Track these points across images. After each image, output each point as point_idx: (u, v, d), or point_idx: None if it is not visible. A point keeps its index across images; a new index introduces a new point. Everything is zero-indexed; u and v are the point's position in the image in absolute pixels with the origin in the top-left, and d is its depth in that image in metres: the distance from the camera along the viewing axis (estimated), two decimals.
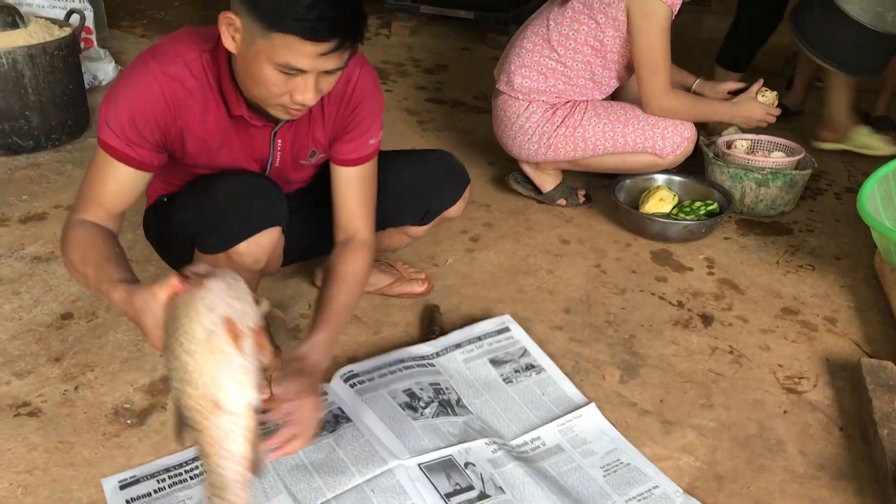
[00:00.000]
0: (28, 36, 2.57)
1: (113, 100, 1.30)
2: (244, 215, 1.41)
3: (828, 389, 1.74)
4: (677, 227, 2.28)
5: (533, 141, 2.37)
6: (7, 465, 1.41)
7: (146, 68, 1.29)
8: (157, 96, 1.29)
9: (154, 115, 1.30)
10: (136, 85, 1.29)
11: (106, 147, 1.30)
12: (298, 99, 1.23)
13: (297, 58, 1.17)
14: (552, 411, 1.58)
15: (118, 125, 1.28)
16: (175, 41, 1.33)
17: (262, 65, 1.19)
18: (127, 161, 1.31)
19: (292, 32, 1.14)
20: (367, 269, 1.51)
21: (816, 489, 1.46)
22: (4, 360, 1.69)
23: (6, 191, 2.41)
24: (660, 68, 2.22)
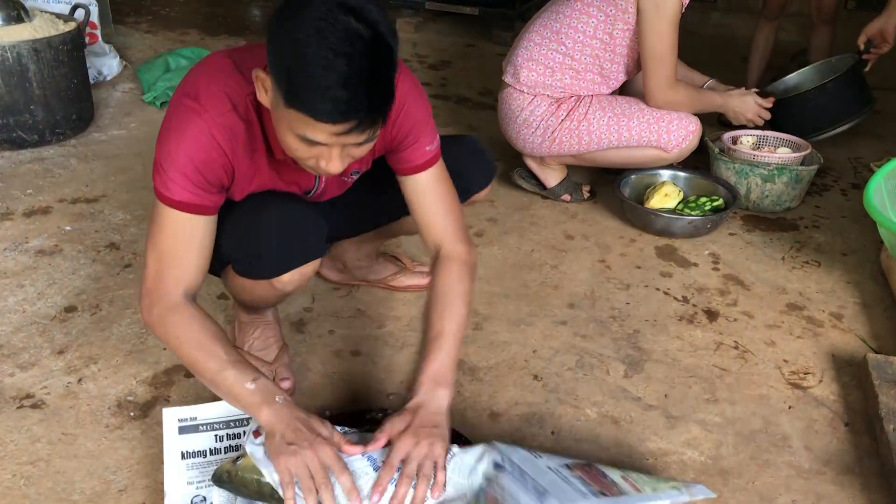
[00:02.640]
0: (33, 30, 2.57)
1: (168, 155, 1.24)
2: (289, 249, 1.39)
3: (833, 385, 1.73)
4: (682, 222, 2.27)
5: (537, 134, 2.36)
6: (10, 457, 1.41)
7: (194, 117, 1.23)
8: (212, 143, 1.24)
9: (214, 160, 1.26)
10: (189, 136, 1.23)
11: (178, 205, 1.25)
12: (323, 167, 1.19)
13: (315, 133, 1.12)
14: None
15: (183, 178, 1.24)
16: (215, 79, 1.26)
17: (284, 131, 1.16)
18: (201, 211, 1.27)
19: (305, 113, 1.10)
20: (463, 282, 1.42)
21: (822, 484, 1.46)
22: (8, 352, 1.69)
23: (11, 185, 2.42)
24: (667, 61, 2.21)
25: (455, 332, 1.38)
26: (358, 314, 1.90)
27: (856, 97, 2.75)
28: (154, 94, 3.10)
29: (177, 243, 1.27)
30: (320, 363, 1.71)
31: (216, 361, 1.24)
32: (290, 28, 1.08)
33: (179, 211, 1.26)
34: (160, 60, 3.33)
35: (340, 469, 1.18)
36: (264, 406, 1.21)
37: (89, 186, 2.44)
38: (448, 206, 1.48)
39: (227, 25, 4.33)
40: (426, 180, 1.46)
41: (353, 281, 2.00)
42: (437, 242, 1.47)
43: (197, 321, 1.27)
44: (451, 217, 1.48)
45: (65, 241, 2.12)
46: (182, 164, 1.23)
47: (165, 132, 1.26)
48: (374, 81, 1.10)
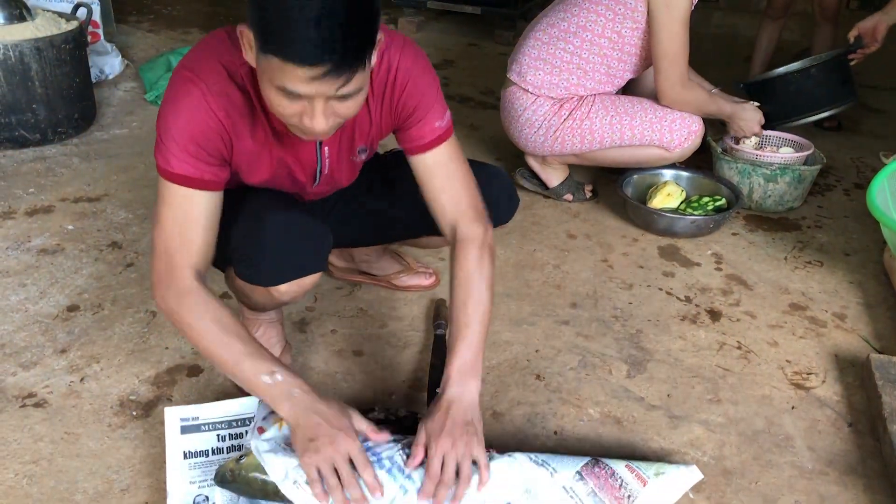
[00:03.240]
0: (35, 29, 2.57)
1: (167, 129, 1.23)
2: (288, 261, 1.37)
3: (836, 385, 1.72)
4: (685, 222, 2.27)
5: (540, 133, 2.36)
6: (13, 456, 1.41)
7: (191, 87, 1.21)
8: (209, 112, 1.22)
9: (212, 130, 1.24)
10: (186, 107, 1.22)
11: (178, 178, 1.23)
12: (307, 125, 1.15)
13: (293, 82, 1.08)
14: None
15: (182, 151, 1.22)
16: (213, 52, 1.24)
17: (265, 85, 1.13)
18: (203, 185, 1.25)
19: (277, 55, 1.06)
20: (484, 265, 1.38)
21: (825, 485, 1.45)
22: (11, 351, 1.69)
23: (13, 183, 2.42)
24: (679, 60, 2.21)
25: (480, 320, 1.36)
26: (360, 314, 1.89)
27: (839, 87, 2.74)
28: (156, 93, 3.10)
29: (182, 221, 1.25)
30: (322, 362, 1.71)
31: (231, 353, 1.23)
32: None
33: (182, 185, 1.24)
34: (162, 59, 3.33)
35: (363, 464, 1.19)
36: (283, 401, 1.21)
37: (91, 185, 2.44)
38: (462, 184, 1.42)
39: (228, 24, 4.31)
40: (437, 158, 1.41)
41: (357, 275, 2.00)
42: (452, 224, 1.42)
43: (210, 308, 1.25)
44: (466, 196, 1.42)
45: (67, 240, 2.12)
46: (180, 136, 1.22)
47: (164, 105, 1.25)
48: (350, 21, 1.05)
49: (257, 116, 1.29)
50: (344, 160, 1.49)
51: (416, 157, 1.42)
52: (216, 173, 1.27)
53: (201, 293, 1.26)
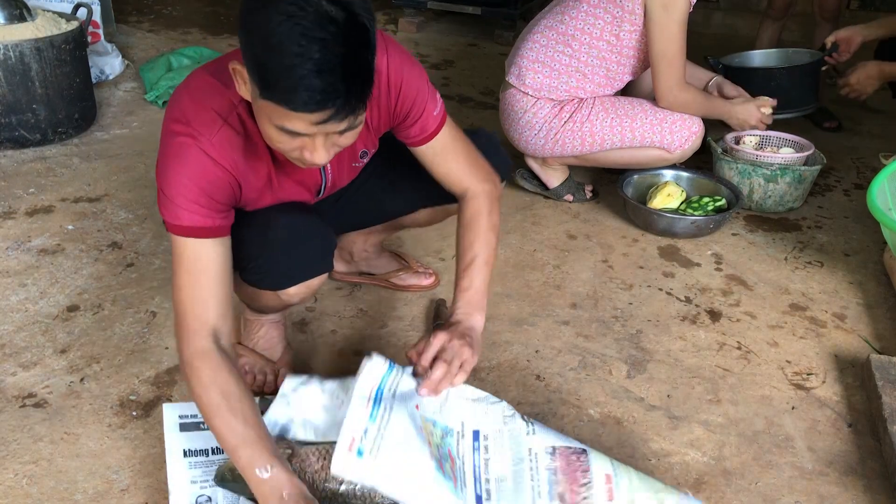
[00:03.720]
0: (35, 29, 2.57)
1: (171, 185, 1.21)
2: (296, 264, 1.39)
3: (836, 386, 1.72)
4: (685, 222, 2.27)
5: (540, 136, 2.36)
6: (13, 456, 1.41)
7: (189, 143, 1.20)
8: (213, 163, 1.21)
9: (219, 179, 1.23)
10: (188, 163, 1.20)
11: (189, 231, 1.22)
12: (308, 158, 1.15)
13: (293, 123, 1.08)
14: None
15: (192, 203, 1.21)
16: (201, 99, 1.22)
17: (265, 123, 1.12)
18: (214, 233, 1.24)
19: (278, 103, 1.05)
20: (491, 213, 1.46)
21: (825, 485, 1.45)
22: (10, 351, 1.69)
23: (13, 184, 2.42)
24: (676, 61, 2.21)
25: (487, 258, 1.43)
26: (360, 314, 1.89)
27: (810, 91, 2.78)
28: (156, 93, 3.10)
29: (196, 275, 1.23)
30: (322, 363, 1.71)
31: (232, 435, 1.18)
32: (261, 15, 1.03)
33: (192, 238, 1.22)
34: (162, 60, 3.33)
35: None
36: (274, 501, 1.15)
37: (91, 186, 2.44)
38: (467, 158, 1.49)
39: (229, 25, 4.33)
40: (441, 143, 1.45)
41: (357, 277, 2.00)
42: (463, 188, 1.49)
43: (219, 379, 1.20)
44: (473, 164, 1.49)
45: (67, 240, 2.12)
46: (187, 190, 1.20)
47: (164, 162, 1.22)
48: (351, 66, 1.04)
49: (258, 152, 1.29)
50: (346, 168, 1.51)
51: (421, 147, 1.46)
52: (226, 217, 1.27)
53: (213, 359, 1.21)
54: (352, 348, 1.76)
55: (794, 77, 2.70)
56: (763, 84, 2.65)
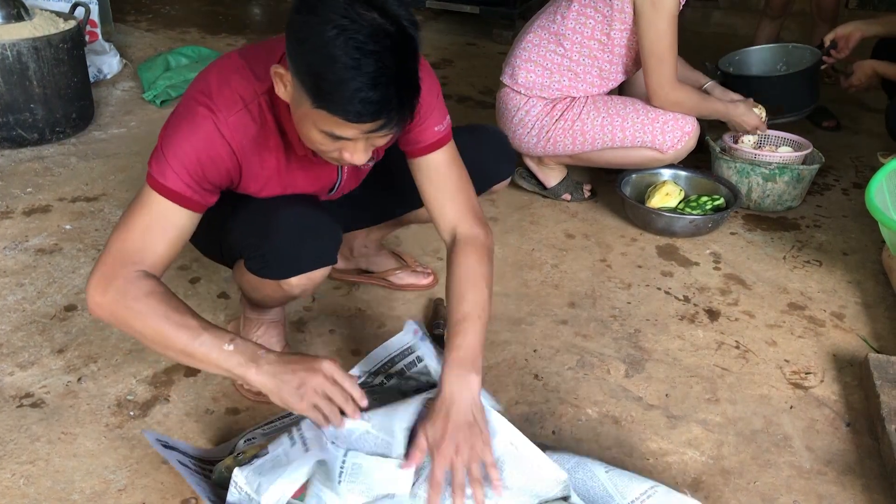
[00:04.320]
0: (33, 28, 2.57)
1: (171, 146, 1.22)
2: (300, 254, 1.38)
3: (835, 385, 1.72)
4: (683, 221, 2.27)
5: (532, 134, 2.36)
6: (10, 456, 1.41)
7: (206, 114, 1.22)
8: (222, 146, 1.23)
9: (220, 158, 1.24)
10: (198, 132, 1.22)
11: (168, 193, 1.22)
12: (347, 159, 1.19)
13: (344, 131, 1.12)
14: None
15: (183, 170, 1.21)
16: (229, 79, 1.24)
17: (308, 127, 1.15)
18: (189, 205, 1.24)
19: (331, 113, 1.09)
20: (483, 264, 1.38)
21: (823, 485, 1.45)
22: (8, 351, 1.68)
23: (10, 183, 2.41)
24: (666, 59, 2.20)
25: (480, 314, 1.34)
26: (358, 313, 1.89)
27: (808, 92, 2.79)
28: (154, 92, 3.10)
29: (154, 229, 1.23)
30: None
31: (188, 330, 1.20)
32: (312, 26, 1.06)
33: (167, 199, 1.23)
34: (160, 59, 3.33)
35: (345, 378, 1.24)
36: (251, 365, 1.20)
37: (89, 185, 2.44)
38: (461, 188, 1.44)
39: (227, 24, 4.33)
40: (437, 162, 1.42)
41: (355, 275, 2.00)
42: (453, 226, 1.42)
43: (160, 291, 1.22)
44: (465, 200, 1.43)
45: (65, 239, 2.12)
46: (185, 157, 1.21)
47: (174, 123, 1.24)
48: (403, 78, 1.09)
49: (269, 145, 1.30)
50: (356, 171, 1.52)
51: (416, 160, 1.44)
52: (206, 198, 1.27)
53: (147, 281, 1.22)
54: (349, 348, 1.76)
55: (793, 82, 2.71)
56: (761, 91, 2.65)
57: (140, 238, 1.23)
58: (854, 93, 2.82)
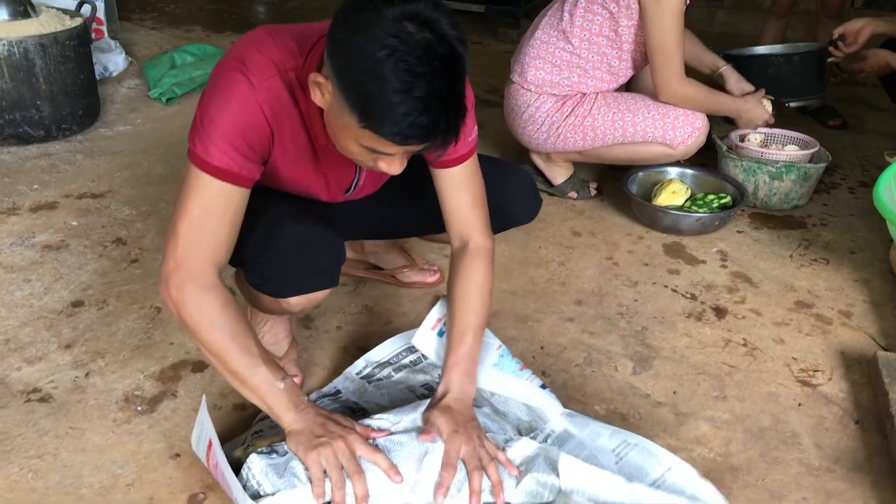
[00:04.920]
0: (39, 25, 2.57)
1: (211, 120, 1.19)
2: (300, 275, 1.34)
3: (843, 382, 1.72)
4: (690, 219, 2.26)
5: (542, 131, 2.35)
6: (18, 450, 1.41)
7: (240, 78, 1.19)
8: (256, 108, 1.20)
9: (258, 125, 1.22)
10: (233, 99, 1.19)
11: (217, 171, 1.20)
12: (383, 168, 1.18)
13: (386, 148, 1.12)
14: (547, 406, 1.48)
15: (226, 144, 1.19)
16: (261, 48, 1.22)
17: (348, 139, 1.14)
18: (239, 181, 1.22)
19: (379, 134, 1.08)
20: (489, 277, 1.44)
21: (832, 482, 1.45)
22: (15, 346, 1.68)
23: (17, 180, 2.42)
24: (672, 55, 2.20)
25: (481, 326, 1.43)
26: (365, 310, 1.89)
27: (814, 79, 2.77)
28: (160, 90, 3.10)
29: (212, 214, 1.22)
30: (328, 358, 1.71)
31: (249, 357, 1.22)
32: (359, 43, 1.03)
33: (217, 179, 1.20)
34: (166, 57, 3.33)
35: (372, 452, 1.22)
36: (292, 407, 1.24)
37: (95, 182, 2.44)
38: (479, 200, 1.45)
39: (232, 22, 4.33)
40: (462, 173, 1.42)
41: (362, 271, 2.00)
42: (466, 235, 1.45)
43: (232, 309, 1.23)
44: (481, 211, 1.46)
45: (71, 236, 2.12)
46: (226, 129, 1.19)
47: (210, 94, 1.21)
48: (452, 101, 1.07)
49: (302, 123, 1.28)
50: (376, 174, 1.50)
51: (443, 170, 1.43)
52: (252, 171, 1.25)
53: (223, 292, 1.24)
54: (356, 345, 1.76)
55: (795, 64, 2.70)
56: (761, 71, 2.65)
57: (202, 225, 1.22)
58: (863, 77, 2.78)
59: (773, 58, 2.74)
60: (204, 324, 1.22)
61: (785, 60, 2.70)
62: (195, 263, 1.22)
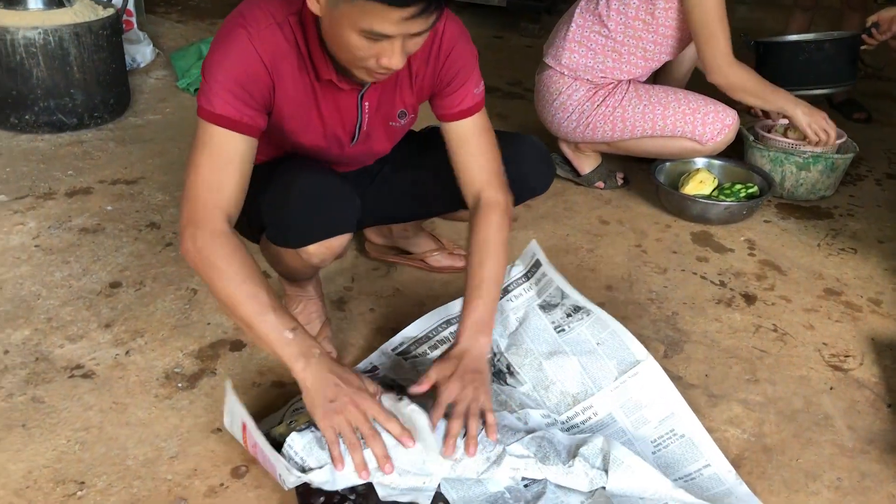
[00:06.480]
0: (74, 14, 2.61)
1: (211, 71, 1.26)
2: (316, 220, 1.38)
3: (874, 367, 1.73)
4: (719, 208, 2.27)
5: (572, 119, 2.37)
6: (64, 423, 1.44)
7: (239, 31, 1.25)
8: (255, 57, 1.25)
9: (256, 73, 1.27)
10: (233, 49, 1.25)
11: (219, 119, 1.25)
12: (384, 63, 1.19)
13: (382, 24, 1.13)
14: (606, 367, 1.50)
15: (226, 92, 1.24)
16: (261, 4, 1.28)
17: (345, 30, 1.16)
18: (242, 129, 1.27)
19: (379, 0, 1.10)
20: (503, 231, 1.45)
21: (866, 463, 1.46)
22: (57, 324, 1.72)
23: (52, 166, 2.45)
24: (717, 33, 2.19)
25: (496, 279, 1.43)
26: (397, 293, 1.91)
27: (845, 66, 2.74)
28: (188, 80, 3.13)
29: (219, 163, 1.26)
30: (362, 339, 1.73)
31: (257, 304, 1.23)
32: None
33: (221, 127, 1.25)
34: (193, 48, 3.36)
35: (386, 417, 1.23)
36: (301, 358, 1.23)
37: (128, 168, 2.47)
38: (491, 153, 1.48)
39: None
40: (471, 127, 1.46)
41: (392, 255, 2.02)
42: (478, 189, 1.47)
43: (241, 255, 1.25)
44: (493, 165, 1.48)
45: (107, 220, 2.15)
46: (224, 77, 1.24)
47: (212, 50, 1.28)
48: None
49: (302, 65, 1.32)
50: (382, 122, 1.51)
51: (452, 123, 1.47)
52: (255, 118, 1.29)
53: (232, 237, 1.26)
54: (389, 326, 1.78)
55: (827, 52, 2.67)
56: (793, 57, 2.63)
57: (210, 175, 1.26)
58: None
59: (804, 44, 2.71)
60: (215, 271, 1.24)
61: (816, 47, 2.68)
62: (204, 212, 1.26)
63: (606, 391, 1.48)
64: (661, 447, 1.42)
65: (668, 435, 1.43)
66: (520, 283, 1.67)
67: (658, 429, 1.44)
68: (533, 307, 1.62)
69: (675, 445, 1.42)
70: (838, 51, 2.70)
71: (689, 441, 1.42)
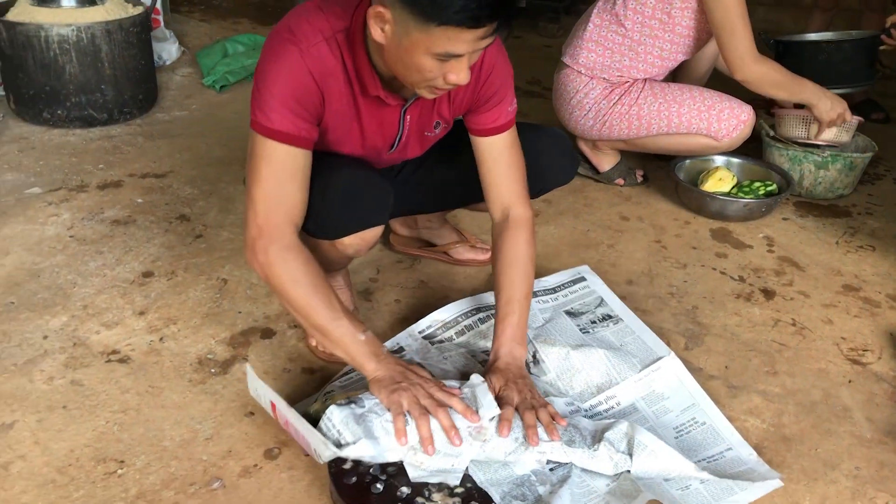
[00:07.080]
0: (105, 12, 2.67)
1: (267, 86, 1.29)
2: (352, 214, 1.44)
3: (892, 362, 1.75)
4: (738, 205, 2.30)
5: (589, 117, 2.40)
6: (103, 405, 1.49)
7: (290, 47, 1.29)
8: (306, 72, 1.29)
9: (308, 88, 1.31)
10: (285, 65, 1.29)
11: (279, 135, 1.29)
12: (452, 80, 1.23)
13: (456, 45, 1.17)
14: (630, 362, 1.56)
15: (284, 107, 1.28)
16: (308, 18, 1.32)
17: (418, 55, 1.20)
18: (300, 143, 1.31)
19: (455, 24, 1.14)
20: (532, 247, 1.52)
21: (885, 453, 1.48)
22: (93, 311, 1.77)
23: (83, 160, 2.51)
24: (739, 30, 2.20)
25: (527, 294, 1.51)
26: (422, 285, 1.95)
27: (864, 67, 2.74)
28: (214, 77, 3.19)
29: (282, 177, 1.31)
30: (389, 328, 1.77)
31: (332, 310, 1.32)
32: None
33: (281, 143, 1.30)
34: (218, 46, 3.43)
35: (449, 396, 1.29)
36: (373, 357, 1.32)
37: (157, 163, 2.53)
38: (520, 170, 1.53)
39: (277, 15, 4.39)
40: (503, 143, 1.51)
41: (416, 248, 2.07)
42: (507, 205, 1.53)
43: (313, 265, 1.33)
44: (521, 182, 1.54)
45: (137, 212, 2.21)
46: (281, 93, 1.29)
47: (263, 65, 1.32)
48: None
49: (346, 80, 1.36)
50: (419, 133, 1.56)
51: (484, 139, 1.51)
52: (310, 131, 1.34)
53: (303, 250, 1.33)
54: (415, 316, 1.81)
55: (846, 51, 2.68)
56: (813, 57, 2.64)
57: (275, 190, 1.31)
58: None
59: (824, 44, 2.72)
60: (289, 282, 1.32)
61: (836, 47, 2.69)
62: (275, 226, 1.32)
63: (630, 381, 1.53)
64: (682, 433, 1.45)
65: (689, 423, 1.47)
66: (548, 293, 1.77)
67: (680, 417, 1.48)
68: (559, 312, 1.72)
69: (697, 432, 1.46)
70: (857, 51, 2.71)
71: (711, 427, 1.46)
